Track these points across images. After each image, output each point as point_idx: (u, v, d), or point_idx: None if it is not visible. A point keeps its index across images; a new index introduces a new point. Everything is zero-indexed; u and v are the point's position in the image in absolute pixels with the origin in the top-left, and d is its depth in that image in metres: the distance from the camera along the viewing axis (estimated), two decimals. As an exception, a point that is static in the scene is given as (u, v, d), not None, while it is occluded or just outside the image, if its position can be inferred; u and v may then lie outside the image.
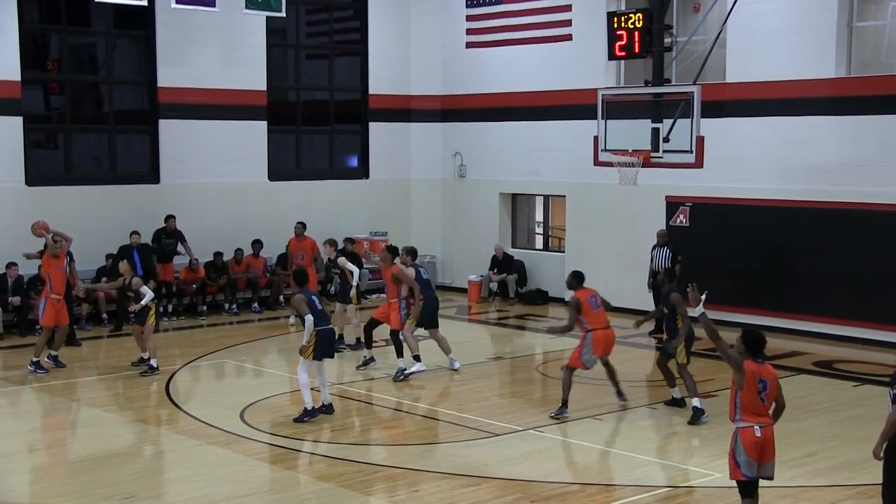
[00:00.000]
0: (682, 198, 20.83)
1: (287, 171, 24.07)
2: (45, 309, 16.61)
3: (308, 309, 13.39)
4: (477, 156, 24.90)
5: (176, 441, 13.14)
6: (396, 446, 12.95)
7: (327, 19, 25.27)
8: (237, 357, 17.82)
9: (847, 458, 12.16)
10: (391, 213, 25.20)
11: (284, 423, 13.75)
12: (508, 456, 12.46)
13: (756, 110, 19.78)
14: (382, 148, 25.27)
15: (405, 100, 25.44)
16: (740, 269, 19.74)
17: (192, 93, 22.07)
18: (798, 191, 19.26)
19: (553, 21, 23.01)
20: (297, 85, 24.89)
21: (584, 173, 21.12)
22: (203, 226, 22.01)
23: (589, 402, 14.66)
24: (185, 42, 21.99)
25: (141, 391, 15.75)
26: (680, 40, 19.38)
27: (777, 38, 19.44)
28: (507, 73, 23.97)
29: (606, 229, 22.14)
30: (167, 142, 21.96)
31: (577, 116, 21.26)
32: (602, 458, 12.47)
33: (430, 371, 16.73)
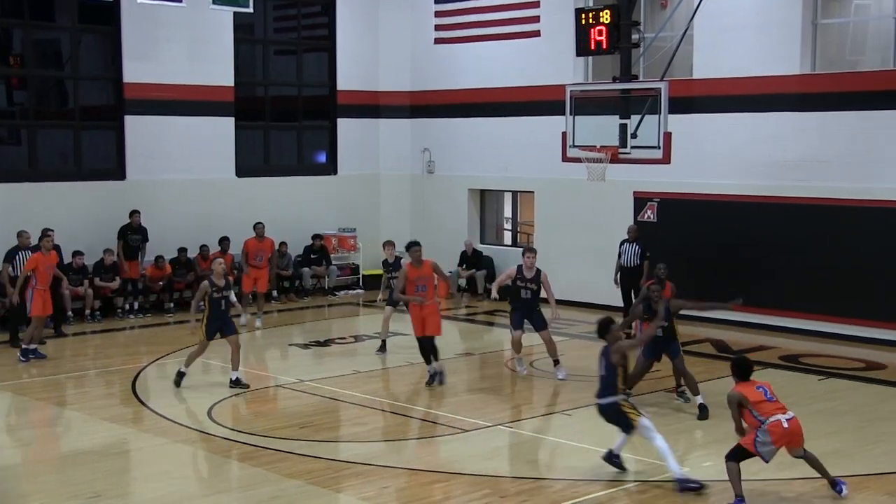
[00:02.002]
0: (650, 193, 20.88)
1: (255, 167, 23.95)
2: (32, 300, 17.07)
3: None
4: (446, 152, 24.86)
5: (142, 439, 13.02)
6: (366, 443, 12.89)
7: (295, 15, 25.14)
8: (204, 354, 17.66)
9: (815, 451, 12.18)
10: (360, 209, 25.12)
11: (252, 421, 13.68)
12: (478, 452, 12.44)
13: (723, 106, 19.85)
14: (351, 144, 25.19)
15: (374, 96, 25.37)
16: (707, 265, 19.80)
17: (159, 88, 21.90)
18: (764, 186, 19.37)
19: (521, 17, 23.00)
20: (265, 81, 24.76)
21: (552, 169, 21.11)
22: (170, 222, 21.86)
23: (557, 397, 14.67)
24: (151, 37, 21.82)
25: (106, 389, 15.63)
26: (647, 36, 19.42)
27: (743, 35, 19.53)
28: (476, 69, 23.94)
29: (575, 225, 22.17)
30: (133, 138, 21.77)
31: (546, 112, 21.26)
32: (571, 453, 12.45)
33: (399, 368, 16.71)
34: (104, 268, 20.63)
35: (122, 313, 20.99)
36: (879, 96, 18.07)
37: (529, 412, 14.11)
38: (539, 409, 14.17)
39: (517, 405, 14.56)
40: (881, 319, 18.01)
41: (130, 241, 21.05)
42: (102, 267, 20.63)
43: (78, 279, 20.18)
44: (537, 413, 13.98)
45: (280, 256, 22.50)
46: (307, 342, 18.87)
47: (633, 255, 19.16)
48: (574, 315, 20.16)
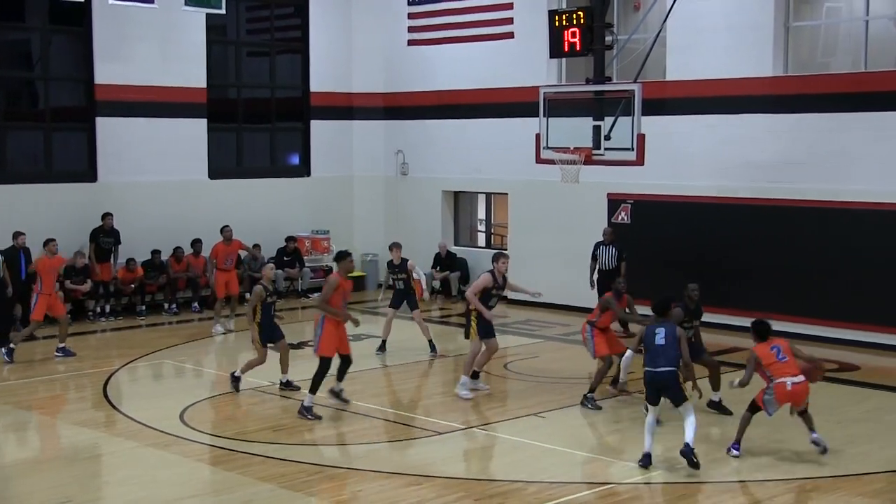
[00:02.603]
0: (624, 195, 20.91)
1: (227, 169, 23.84)
2: (36, 304, 17.31)
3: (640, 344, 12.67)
4: (419, 153, 24.83)
5: (114, 443, 12.91)
6: (339, 446, 12.84)
7: (268, 16, 25.05)
8: (177, 357, 17.60)
9: (787, 452, 12.24)
10: (333, 211, 25.06)
11: (225, 424, 13.59)
12: (451, 454, 12.42)
13: (696, 108, 19.91)
14: (324, 146, 25.12)
15: (347, 97, 25.31)
16: (681, 266, 19.80)
17: (131, 90, 21.78)
18: (737, 188, 19.44)
19: (494, 19, 23.01)
20: (238, 82, 24.65)
21: (526, 171, 21.12)
22: (142, 225, 21.73)
23: (531, 400, 14.65)
24: (122, 38, 21.69)
25: (77, 393, 15.51)
26: (621, 38, 19.43)
27: (716, 37, 19.60)
28: (449, 70, 23.92)
29: (549, 227, 22.17)
30: (105, 139, 21.64)
31: (519, 114, 21.26)
32: (545, 455, 12.43)
33: (371, 370, 16.66)
34: (75, 270, 20.48)
35: (94, 316, 20.86)
36: (851, 98, 18.18)
37: (503, 414, 14.07)
38: (513, 412, 14.14)
39: (491, 408, 14.52)
40: (855, 321, 18.10)
41: (102, 243, 20.91)
42: (73, 269, 20.47)
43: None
44: (511, 415, 13.95)
45: (253, 259, 22.41)
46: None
47: (610, 258, 19.22)
48: (547, 317, 20.22)
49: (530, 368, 16.62)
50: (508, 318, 21.11)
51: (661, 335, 11.91)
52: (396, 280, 17.81)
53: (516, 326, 20.48)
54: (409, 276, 17.79)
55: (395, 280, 17.84)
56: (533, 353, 17.81)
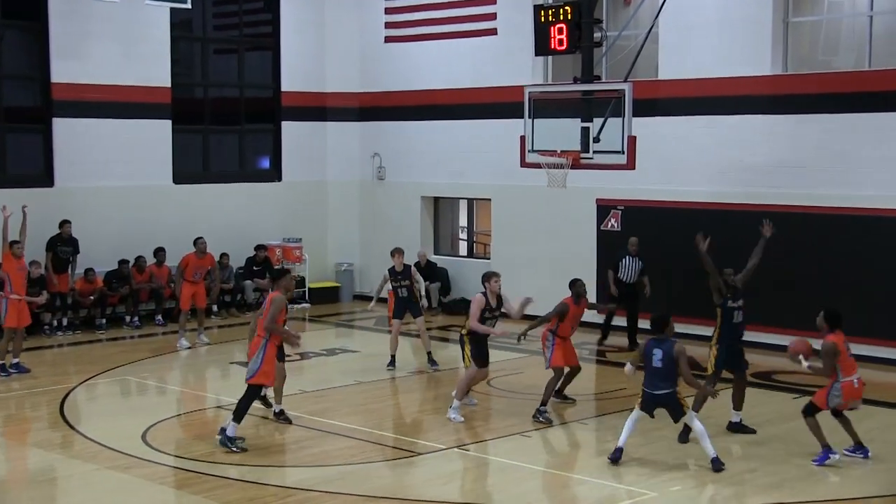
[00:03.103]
0: (614, 201, 20.93)
1: (193, 173, 23.76)
2: (6, 310, 17.16)
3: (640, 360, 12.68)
4: (397, 157, 24.80)
5: (71, 466, 12.80)
6: (313, 467, 12.77)
7: (237, 11, 25.00)
8: (139, 374, 17.49)
9: (788, 474, 12.23)
10: (306, 217, 25.00)
11: (190, 445, 13.50)
12: (431, 476, 12.38)
13: (690, 109, 19.96)
14: (296, 149, 25.07)
15: (320, 97, 25.27)
16: (674, 276, 19.85)
17: (90, 89, 21.69)
18: (734, 193, 19.46)
19: (477, 14, 23.03)
20: (205, 81, 24.59)
21: (510, 175, 21.12)
22: (102, 232, 21.63)
23: (516, 418, 14.61)
24: (81, 34, 21.60)
25: (32, 413, 15.40)
26: (610, 35, 19.44)
27: (711, 34, 19.64)
28: (429, 69, 23.91)
29: (534, 234, 22.17)
30: (62, 142, 21.54)
31: (503, 115, 21.26)
32: (530, 477, 12.40)
33: (347, 386, 16.61)
34: (30, 281, 20.28)
35: (50, 330, 20.71)
36: (854, 98, 18.24)
37: (487, 434, 14.03)
38: (497, 431, 14.09)
39: (474, 426, 14.47)
40: (858, 334, 17.95)
41: (60, 252, 20.77)
42: (29, 280, 20.29)
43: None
44: (495, 435, 13.90)
45: (221, 269, 22.32)
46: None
47: (634, 271, 19.15)
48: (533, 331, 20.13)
49: (516, 385, 16.59)
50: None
51: (657, 357, 12.16)
52: (399, 288, 17.71)
53: (500, 341, 20.21)
54: (412, 284, 17.72)
55: (398, 288, 17.73)
56: (518, 368, 17.77)
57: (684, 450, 13.06)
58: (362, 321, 22.73)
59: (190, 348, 19.57)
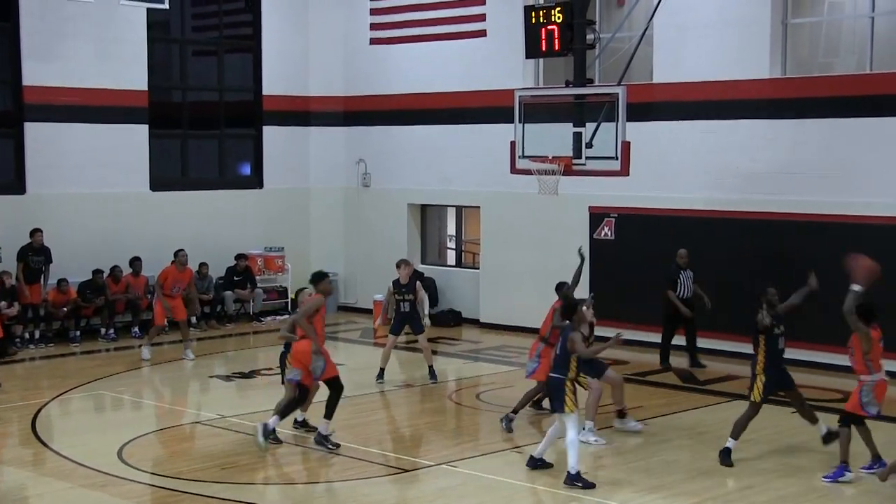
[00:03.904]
0: (607, 208, 20.98)
1: (171, 179, 23.78)
2: None
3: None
4: (383, 163, 24.83)
5: (43, 484, 12.77)
6: (294, 485, 12.77)
7: (216, 12, 25.01)
8: (115, 388, 17.47)
9: (786, 490, 12.28)
10: (288, 226, 25.02)
11: (168, 462, 13.50)
12: (419, 494, 12.39)
13: (686, 113, 20.02)
14: (278, 154, 25.09)
15: (303, 101, 25.30)
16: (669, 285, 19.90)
17: (63, 92, 21.70)
18: (731, 200, 19.51)
19: (465, 15, 23.06)
20: (183, 84, 24.61)
21: (500, 182, 21.15)
22: (76, 241, 21.62)
23: (507, 434, 14.62)
24: (54, 35, 21.60)
25: (2, 429, 15.37)
26: (603, 37, 19.51)
27: (708, 36, 19.71)
28: (416, 71, 23.95)
29: (525, 243, 22.20)
30: (34, 147, 21.53)
31: (493, 120, 21.31)
32: (522, 495, 12.42)
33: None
34: (1, 292, 20.31)
35: (22, 343, 20.64)
36: (855, 102, 18.32)
37: (476, 450, 14.04)
38: (487, 447, 14.11)
39: (462, 442, 14.50)
40: (858, 345, 18.02)
41: (32, 262, 20.74)
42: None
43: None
44: (484, 451, 13.92)
45: (200, 279, 22.32)
46: (230, 374, 18.70)
47: (690, 284, 18.74)
48: (523, 343, 20.18)
49: (505, 399, 16.57)
50: (481, 344, 21.13)
51: (560, 343, 12.67)
52: (402, 302, 17.66)
53: (489, 353, 20.49)
54: (416, 298, 17.69)
55: (401, 301, 17.67)
56: (508, 381, 17.78)
57: (681, 465, 13.12)
58: (347, 333, 22.74)
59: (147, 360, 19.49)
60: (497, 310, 22.63)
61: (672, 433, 14.64)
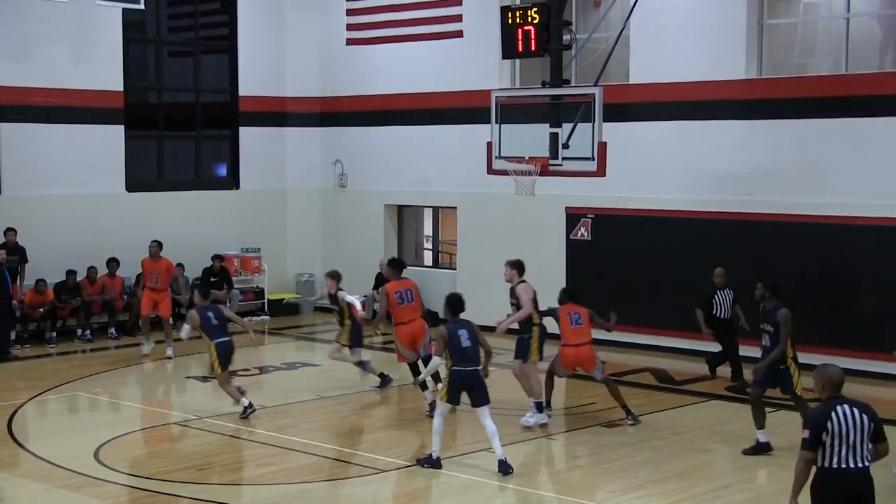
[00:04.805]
0: (584, 209, 21.03)
1: (147, 180, 23.73)
2: None
3: (443, 347, 13.01)
4: (359, 164, 24.84)
5: (19, 485, 12.75)
6: (271, 485, 12.77)
7: (192, 12, 24.97)
8: (91, 389, 17.43)
9: (764, 489, 12.35)
10: (265, 226, 25.00)
11: (144, 463, 13.48)
12: (394, 494, 12.41)
13: (662, 114, 20.09)
14: (254, 155, 25.07)
15: (279, 102, 25.28)
16: (647, 287, 19.98)
17: (38, 93, 21.63)
18: (708, 201, 19.58)
19: (442, 16, 23.11)
20: (159, 85, 24.56)
21: (476, 183, 21.18)
22: (51, 242, 21.56)
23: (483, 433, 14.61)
24: (29, 36, 21.54)
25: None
26: (580, 38, 19.60)
27: (684, 36, 19.79)
28: (393, 72, 23.97)
29: (502, 244, 22.14)
30: (9, 148, 21.46)
31: (469, 120, 21.35)
32: (498, 495, 12.45)
33: (308, 401, 16.61)
34: (-25, 293, 20.23)
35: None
36: (831, 103, 18.41)
37: (452, 450, 14.03)
38: (463, 447, 14.14)
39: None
40: (840, 346, 17.95)
41: (7, 262, 20.62)
42: (-26, 292, 20.23)
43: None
44: (461, 451, 13.94)
45: (174, 280, 22.25)
46: (206, 374, 18.65)
47: (728, 304, 18.00)
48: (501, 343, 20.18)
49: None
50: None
51: (465, 336, 13.05)
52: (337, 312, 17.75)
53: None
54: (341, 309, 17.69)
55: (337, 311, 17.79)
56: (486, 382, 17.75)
57: (658, 465, 13.17)
58: (323, 334, 22.72)
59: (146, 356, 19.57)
60: (474, 310, 22.49)
61: (649, 433, 14.70)
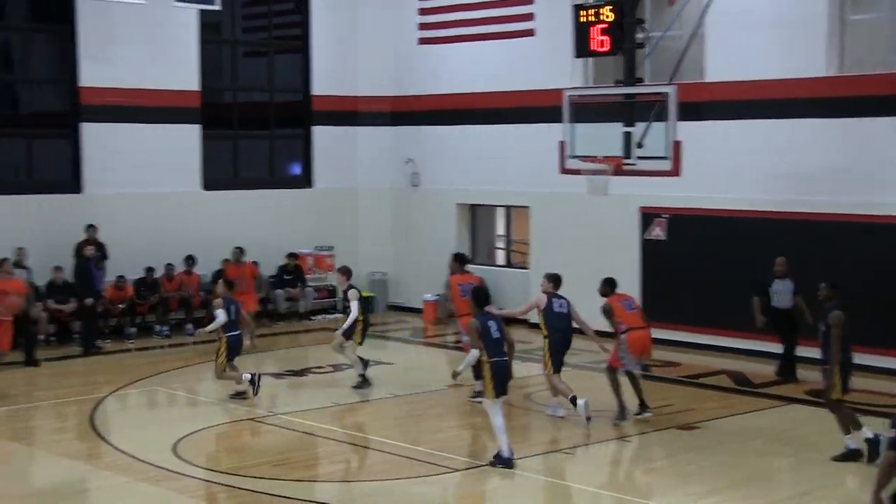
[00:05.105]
0: (658, 209, 20.89)
1: (223, 179, 23.94)
2: None
3: (478, 339, 13.13)
4: (431, 163, 24.87)
5: (101, 478, 12.96)
6: (345, 482, 12.86)
7: (266, 13, 25.20)
8: (169, 384, 17.64)
9: (844, 496, 12.19)
10: (337, 225, 25.11)
11: (221, 458, 13.63)
12: (469, 494, 12.44)
13: (738, 112, 19.86)
14: (327, 154, 25.20)
15: (352, 101, 25.39)
16: (721, 287, 19.78)
17: (118, 93, 21.90)
18: (785, 201, 19.31)
19: (514, 15, 23.08)
20: (234, 85, 24.81)
21: (549, 182, 21.11)
22: (129, 239, 21.80)
23: (557, 434, 14.65)
24: (109, 37, 21.81)
25: (61, 423, 15.59)
26: (654, 35, 19.44)
27: (761, 33, 19.53)
28: (465, 71, 23.98)
29: (574, 244, 22.12)
30: (90, 147, 21.77)
31: (542, 119, 21.29)
32: (571, 495, 12.44)
33: (382, 400, 16.69)
34: (57, 288, 20.54)
35: (79, 338, 20.70)
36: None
37: (527, 450, 14.02)
38: (537, 447, 14.14)
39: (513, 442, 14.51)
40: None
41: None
42: (54, 287, 20.54)
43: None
44: (535, 451, 13.94)
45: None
46: (281, 371, 18.80)
47: (788, 294, 18.03)
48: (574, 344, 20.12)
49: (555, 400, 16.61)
50: (531, 344, 21.13)
51: (494, 327, 13.18)
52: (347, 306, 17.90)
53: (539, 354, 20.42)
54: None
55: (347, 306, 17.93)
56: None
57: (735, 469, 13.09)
58: (396, 332, 22.82)
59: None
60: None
61: (726, 436, 14.56)
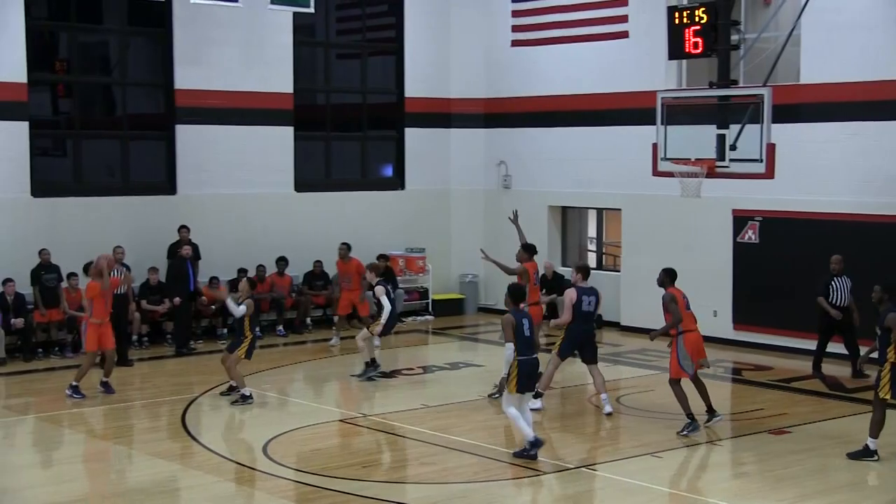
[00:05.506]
0: (751, 212, 20.67)
1: (315, 181, 24.12)
2: (86, 334, 17.05)
3: (512, 335, 13.36)
4: (523, 165, 24.84)
5: (192, 477, 13.13)
6: (434, 485, 12.87)
7: (360, 15, 25.35)
8: (260, 385, 17.78)
9: None
10: (429, 227, 25.17)
11: (310, 458, 13.73)
12: (557, 497, 12.38)
13: (834, 114, 19.60)
14: (419, 156, 25.28)
15: (444, 103, 25.44)
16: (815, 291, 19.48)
17: (212, 95, 22.18)
18: (881, 204, 19.04)
19: (607, 17, 22.97)
20: (327, 87, 24.96)
21: (641, 184, 21.00)
22: (223, 240, 22.06)
23: (647, 438, 14.54)
24: (204, 40, 22.10)
25: (154, 422, 15.82)
26: (748, 37, 19.24)
27: (857, 35, 19.25)
28: (557, 73, 23.92)
29: (666, 246, 21.96)
30: (184, 149, 22.06)
31: (635, 122, 21.18)
32: (662, 500, 12.33)
33: (471, 401, 16.68)
34: (150, 289, 20.85)
35: (173, 339, 21.01)
36: None
37: (615, 454, 13.98)
38: (626, 451, 14.04)
39: (601, 445, 14.46)
40: None
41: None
42: (148, 288, 20.84)
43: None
44: (624, 455, 13.85)
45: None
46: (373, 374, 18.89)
47: (845, 291, 18.01)
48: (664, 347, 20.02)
49: (645, 403, 16.51)
50: (622, 347, 21.03)
51: (526, 326, 13.48)
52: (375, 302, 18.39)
53: (630, 357, 20.36)
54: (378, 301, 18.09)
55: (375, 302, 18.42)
56: (648, 386, 17.69)
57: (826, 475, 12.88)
58: (487, 334, 22.81)
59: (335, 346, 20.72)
60: (638, 313, 22.45)
61: (818, 441, 14.35)
